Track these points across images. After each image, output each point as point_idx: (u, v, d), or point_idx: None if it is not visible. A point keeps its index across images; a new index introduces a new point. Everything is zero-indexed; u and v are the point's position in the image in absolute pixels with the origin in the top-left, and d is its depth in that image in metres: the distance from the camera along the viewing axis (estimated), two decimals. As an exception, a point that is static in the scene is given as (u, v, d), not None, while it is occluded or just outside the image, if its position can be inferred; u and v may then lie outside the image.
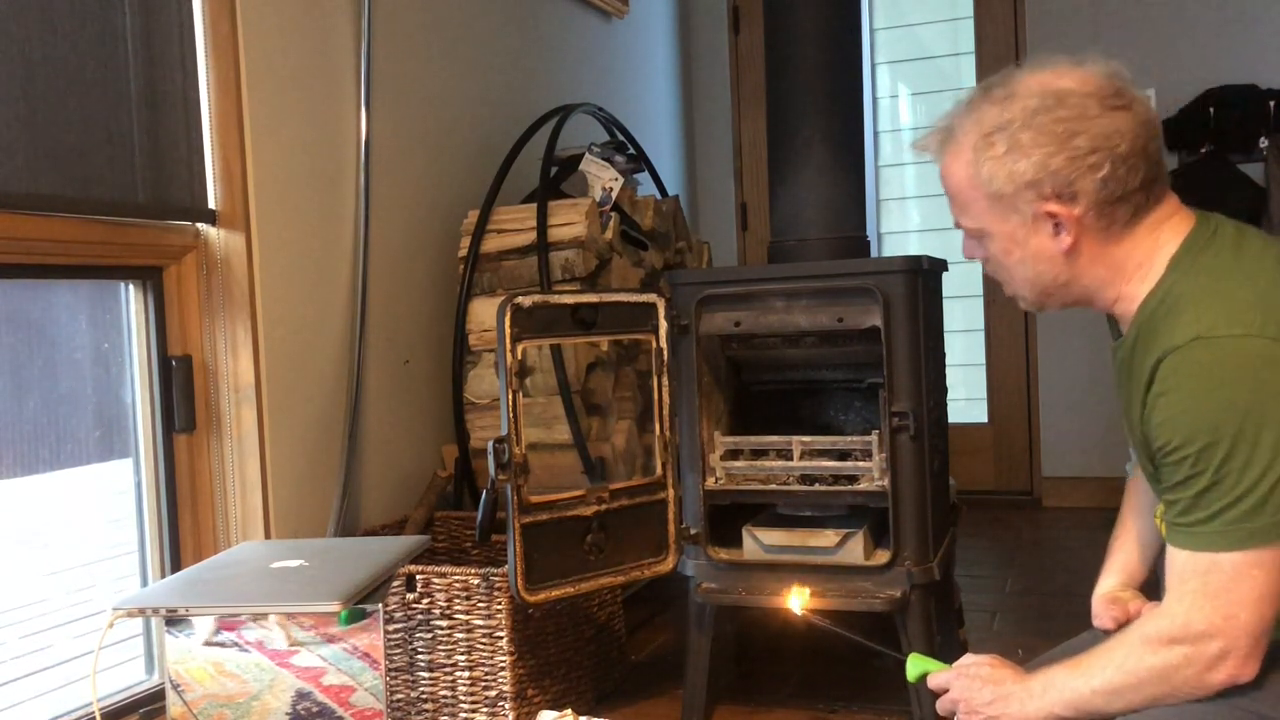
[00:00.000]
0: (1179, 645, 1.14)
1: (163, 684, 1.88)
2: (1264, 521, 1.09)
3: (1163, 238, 1.22)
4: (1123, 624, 1.47)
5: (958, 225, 1.32)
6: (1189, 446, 1.12)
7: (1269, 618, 1.11)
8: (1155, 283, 1.21)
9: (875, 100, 4.33)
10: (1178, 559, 1.15)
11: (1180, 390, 1.13)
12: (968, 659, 1.35)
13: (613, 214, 2.68)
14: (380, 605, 1.59)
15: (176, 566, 2.05)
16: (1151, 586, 1.48)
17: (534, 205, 2.57)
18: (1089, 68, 1.21)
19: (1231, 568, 1.11)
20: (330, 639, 1.59)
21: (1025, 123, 1.18)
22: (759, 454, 2.15)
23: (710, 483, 2.11)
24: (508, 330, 1.93)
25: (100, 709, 1.70)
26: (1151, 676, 1.16)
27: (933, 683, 1.39)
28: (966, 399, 4.15)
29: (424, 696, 2.09)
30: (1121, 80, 1.20)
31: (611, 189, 2.73)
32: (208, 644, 1.59)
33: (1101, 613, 1.52)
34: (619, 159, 2.80)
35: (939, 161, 1.30)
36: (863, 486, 2.03)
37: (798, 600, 1.63)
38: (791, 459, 2.09)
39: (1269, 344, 1.10)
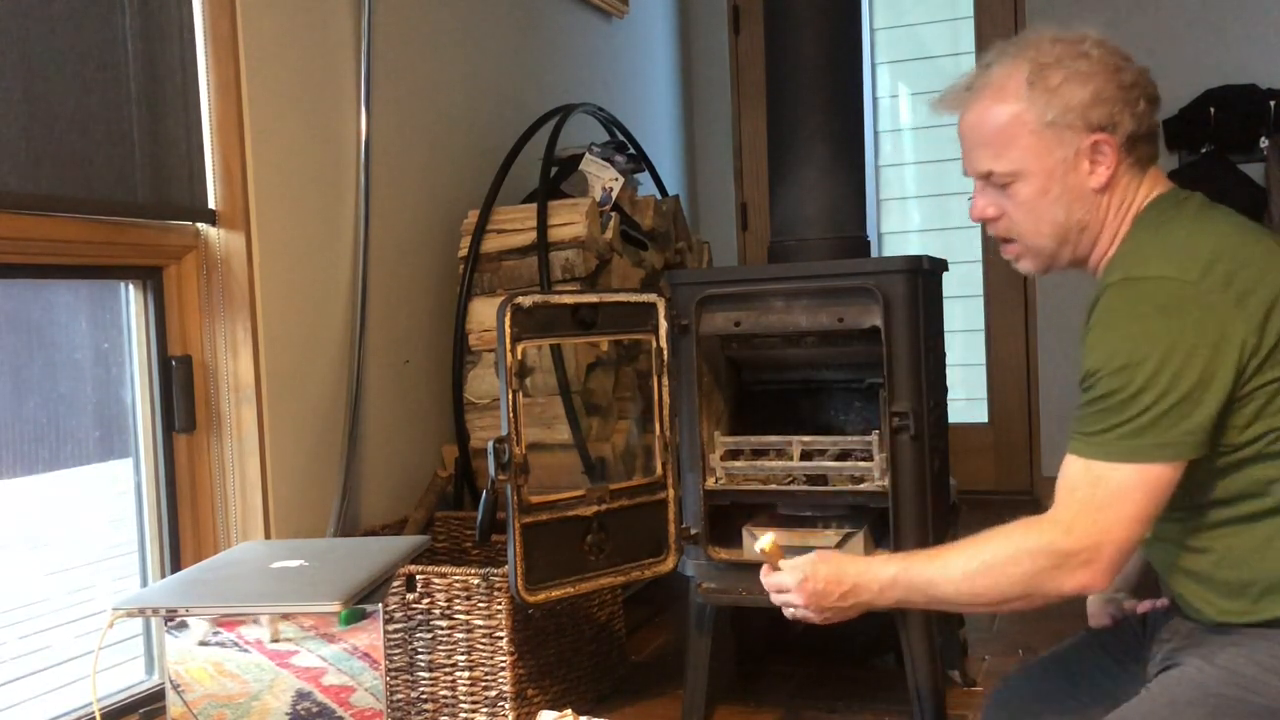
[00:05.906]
0: (1056, 555, 1.18)
1: (163, 684, 1.88)
2: (1149, 441, 1.16)
3: (1148, 194, 1.30)
4: (1119, 621, 1.49)
5: (984, 175, 1.33)
6: (1102, 371, 1.19)
7: (1136, 540, 1.19)
8: (1122, 241, 1.30)
9: (875, 100, 4.32)
10: (1072, 467, 1.21)
11: (1100, 322, 1.22)
12: (803, 563, 1.33)
13: (613, 214, 2.68)
14: (380, 605, 1.59)
15: (176, 566, 2.06)
16: (1144, 586, 1.48)
17: (534, 205, 2.57)
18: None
19: (1117, 483, 1.17)
20: (330, 639, 1.59)
21: (1081, 54, 1.28)
22: (759, 454, 2.15)
23: (710, 483, 2.11)
24: (508, 330, 1.93)
25: (100, 709, 1.70)
26: (1019, 577, 1.20)
27: (769, 582, 1.36)
28: (966, 399, 4.14)
29: (424, 696, 2.09)
30: None
31: (611, 189, 2.73)
32: (202, 644, 1.59)
33: (1098, 612, 1.53)
34: (619, 159, 2.80)
35: (968, 111, 1.34)
36: (863, 486, 2.03)
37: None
38: (791, 459, 2.09)
39: (1182, 285, 1.18)
